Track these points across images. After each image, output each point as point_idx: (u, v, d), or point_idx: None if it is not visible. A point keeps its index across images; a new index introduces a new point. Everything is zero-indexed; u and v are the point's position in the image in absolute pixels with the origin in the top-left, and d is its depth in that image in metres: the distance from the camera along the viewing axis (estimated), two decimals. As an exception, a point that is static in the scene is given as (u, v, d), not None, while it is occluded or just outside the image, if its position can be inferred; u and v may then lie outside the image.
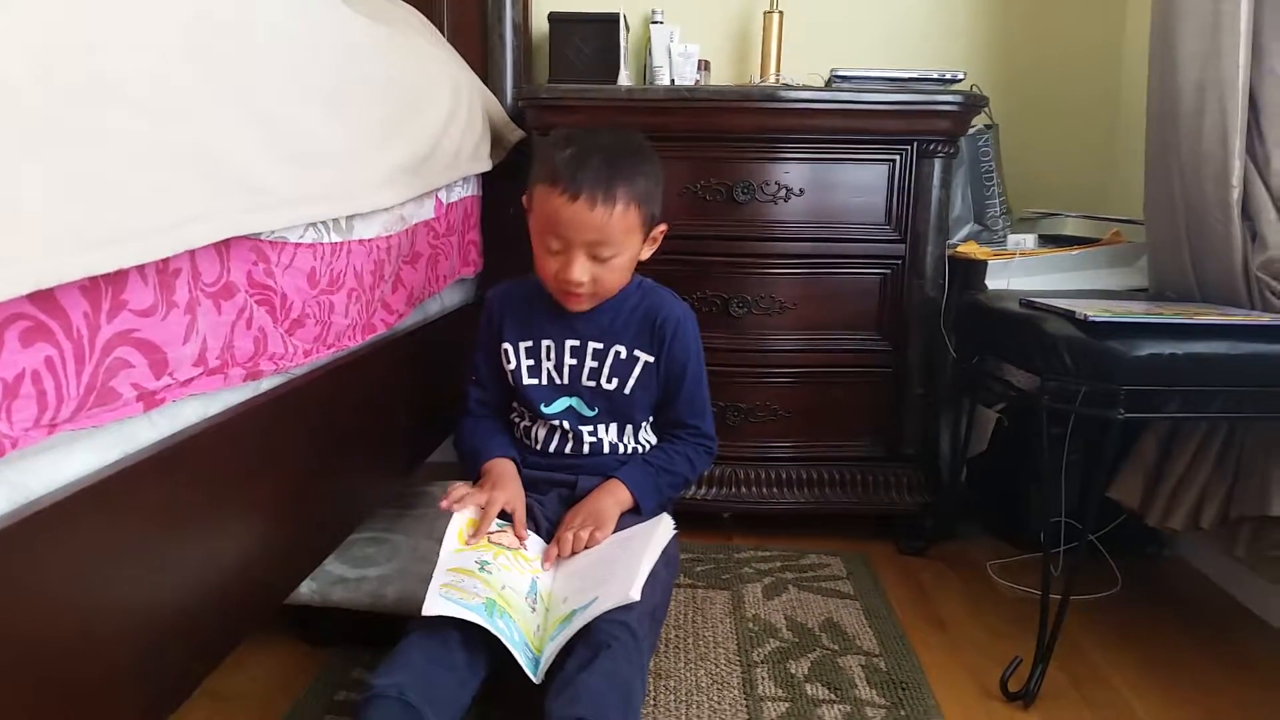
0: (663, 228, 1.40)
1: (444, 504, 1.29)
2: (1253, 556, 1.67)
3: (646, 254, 1.40)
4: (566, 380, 1.43)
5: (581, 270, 1.29)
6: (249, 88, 0.91)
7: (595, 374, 1.42)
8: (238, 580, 0.99)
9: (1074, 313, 1.41)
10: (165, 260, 0.80)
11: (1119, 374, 1.31)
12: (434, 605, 1.10)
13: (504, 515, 1.32)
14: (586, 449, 1.44)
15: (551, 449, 1.45)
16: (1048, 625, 1.39)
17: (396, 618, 1.41)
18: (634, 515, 1.37)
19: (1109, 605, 1.71)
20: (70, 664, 0.72)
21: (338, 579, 1.45)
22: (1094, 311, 1.40)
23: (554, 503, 1.40)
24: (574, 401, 1.44)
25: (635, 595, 1.10)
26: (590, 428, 1.44)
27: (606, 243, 1.28)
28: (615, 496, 1.37)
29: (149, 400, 0.81)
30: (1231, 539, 1.70)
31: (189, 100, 0.80)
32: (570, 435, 1.44)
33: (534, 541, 1.31)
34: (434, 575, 1.17)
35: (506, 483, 1.35)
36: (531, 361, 1.43)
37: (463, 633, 1.11)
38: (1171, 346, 1.31)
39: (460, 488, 1.33)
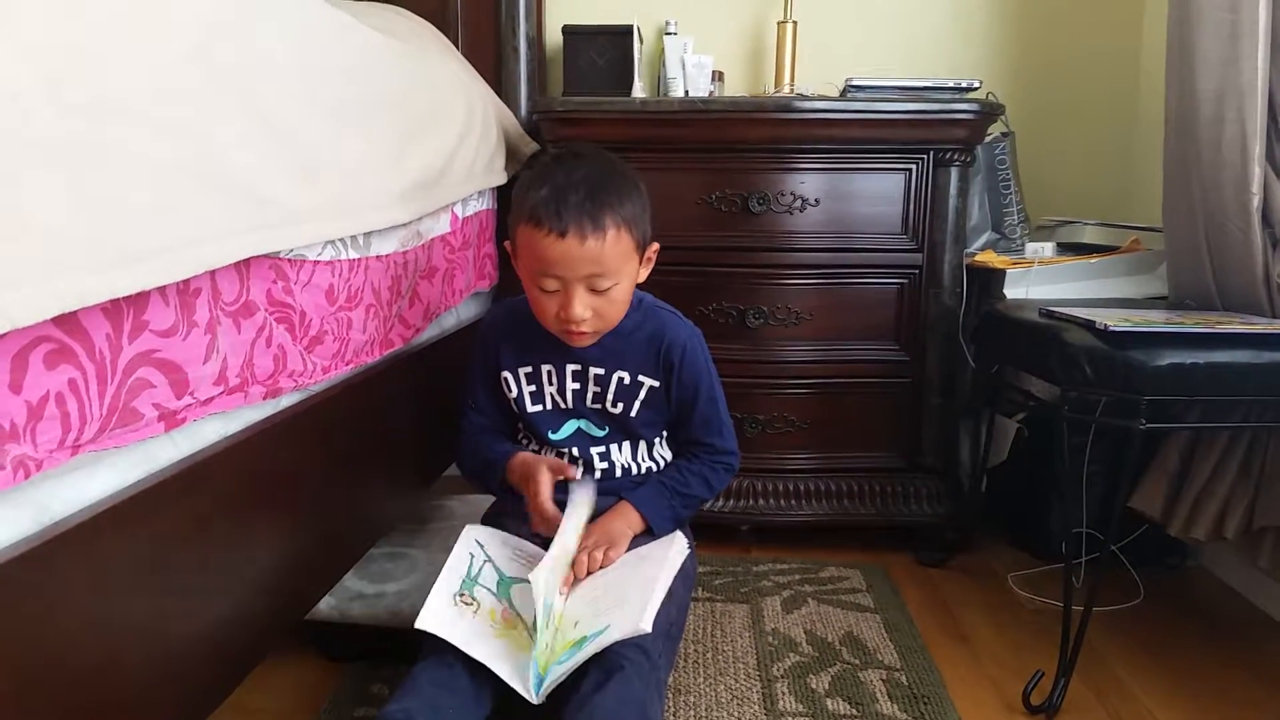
0: (655, 247, 1.34)
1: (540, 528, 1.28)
2: (1277, 567, 1.66)
3: (643, 276, 1.34)
4: (571, 404, 1.39)
5: (582, 306, 1.24)
6: (261, 103, 0.91)
7: (599, 398, 1.37)
8: (259, 597, 0.99)
9: (1094, 322, 1.40)
10: (186, 280, 0.80)
11: (1140, 384, 1.29)
12: (429, 619, 1.12)
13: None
14: (598, 474, 1.40)
15: None
16: (1070, 637, 1.38)
17: (415, 633, 1.41)
18: (648, 536, 1.35)
19: (1132, 617, 1.69)
20: (94, 683, 0.72)
21: (357, 594, 1.45)
22: (1114, 321, 1.39)
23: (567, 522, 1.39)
24: (582, 424, 1.40)
25: (646, 627, 1.08)
26: (602, 449, 1.40)
27: (604, 274, 1.23)
28: (627, 519, 1.33)
29: (170, 420, 0.81)
30: (1255, 549, 1.69)
31: (201, 116, 0.80)
32: (581, 461, 1.40)
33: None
34: (438, 585, 1.18)
35: (536, 464, 1.33)
36: (534, 388, 1.39)
37: (466, 658, 1.11)
38: (1193, 356, 1.30)
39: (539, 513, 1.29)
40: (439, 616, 1.13)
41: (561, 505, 1.30)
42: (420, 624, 1.12)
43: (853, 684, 1.43)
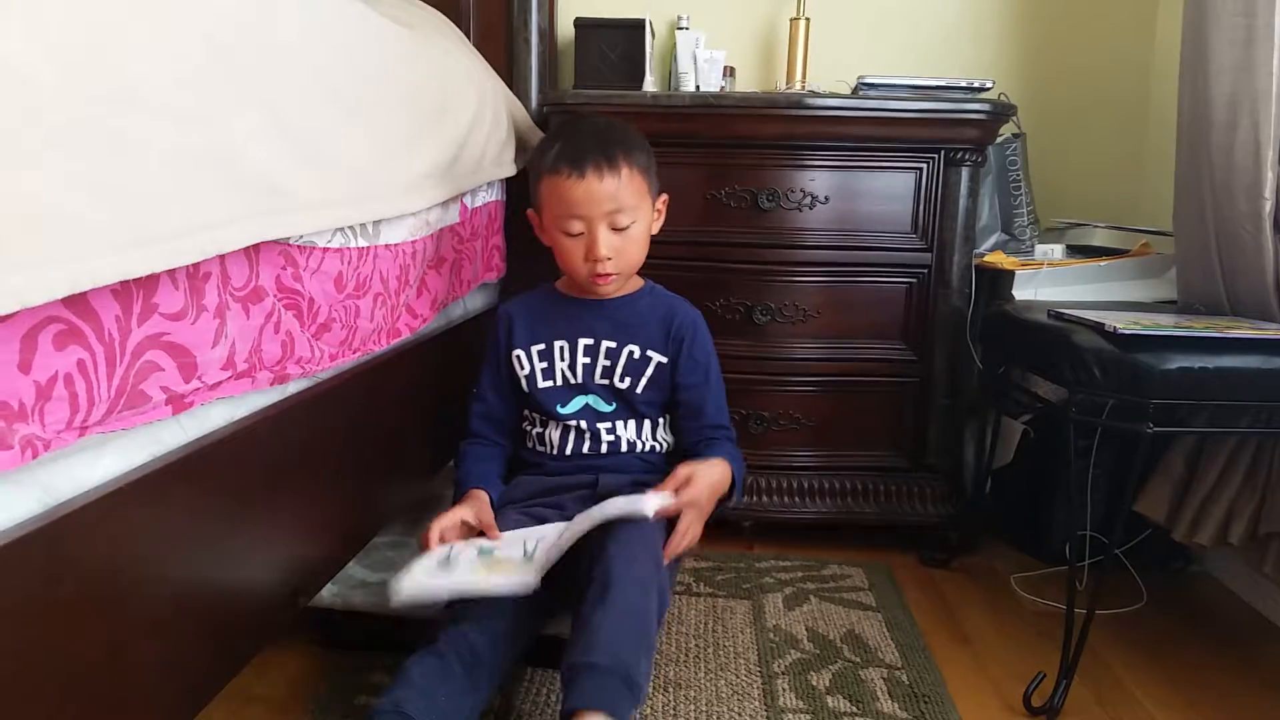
0: (665, 198, 1.44)
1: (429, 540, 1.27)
2: (1282, 573, 1.65)
3: (656, 227, 1.42)
4: (580, 379, 1.42)
5: (606, 245, 1.32)
6: (273, 91, 0.91)
7: (609, 372, 1.41)
8: (262, 583, 0.99)
9: (1103, 325, 1.40)
10: (195, 264, 0.80)
11: (1148, 387, 1.29)
12: (408, 586, 1.15)
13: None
14: (605, 448, 1.43)
15: (569, 451, 1.44)
16: (1072, 640, 1.38)
17: (418, 622, 1.41)
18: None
19: (1134, 620, 1.69)
20: (96, 667, 0.72)
21: (359, 583, 1.45)
22: (1123, 324, 1.38)
23: (573, 505, 1.39)
24: (590, 399, 1.43)
25: (648, 512, 1.09)
26: (608, 424, 1.42)
27: (622, 209, 1.32)
28: (721, 470, 1.33)
29: (178, 404, 0.81)
30: (1260, 555, 1.68)
31: (215, 104, 0.80)
32: (588, 434, 1.42)
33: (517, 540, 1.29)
34: (415, 563, 1.20)
35: (471, 503, 1.34)
36: (545, 364, 1.43)
37: (460, 651, 1.12)
38: (1201, 360, 1.30)
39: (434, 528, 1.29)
40: (418, 582, 1.16)
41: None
42: (402, 594, 1.15)
43: (853, 682, 1.43)
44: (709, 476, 1.30)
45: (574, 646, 1.08)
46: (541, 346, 1.43)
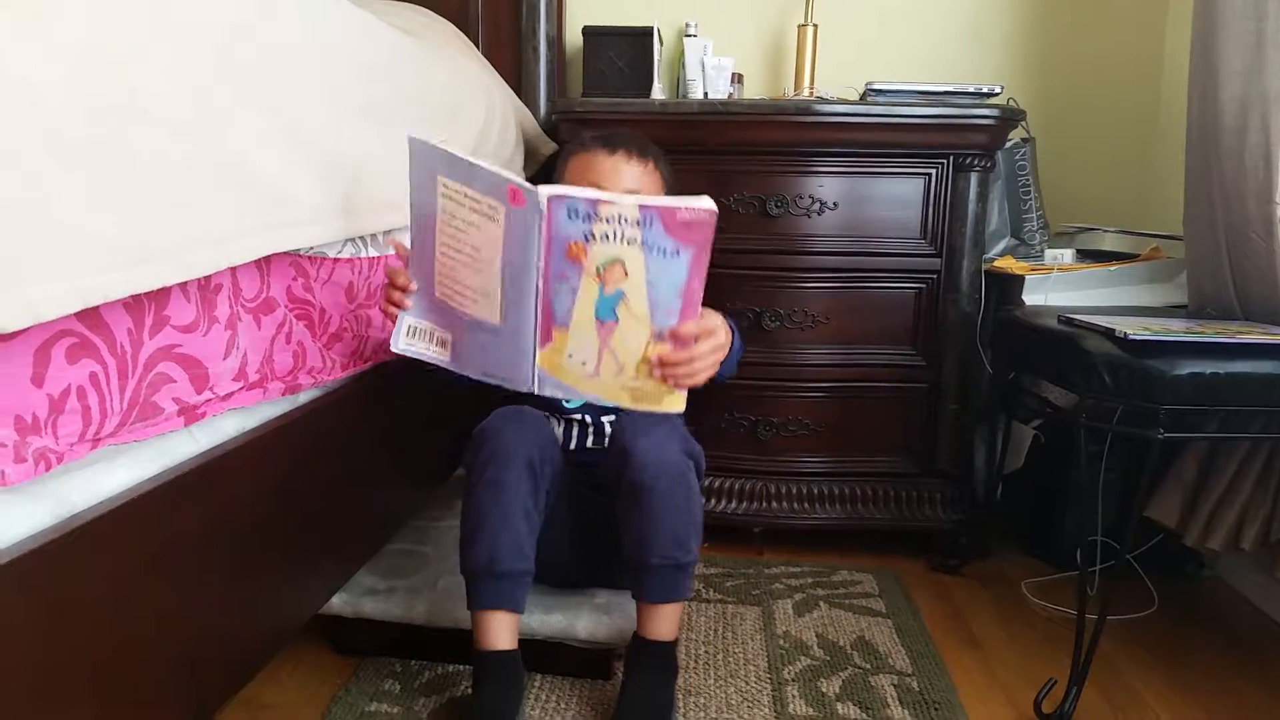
0: None
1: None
2: (1295, 579, 1.65)
3: None
4: None
5: None
6: (282, 102, 0.92)
7: None
8: (273, 592, 1.00)
9: (1114, 330, 1.39)
10: (207, 277, 0.80)
11: (1159, 393, 1.29)
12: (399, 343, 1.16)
13: None
14: (609, 441, 1.44)
15: (573, 446, 1.46)
16: (1083, 646, 1.37)
17: (427, 630, 1.41)
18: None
19: (1146, 626, 1.68)
20: (109, 675, 0.73)
21: (369, 590, 1.45)
22: (1134, 329, 1.38)
23: (571, 497, 1.40)
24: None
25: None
26: (612, 416, 1.45)
27: (641, 191, 1.35)
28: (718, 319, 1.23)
29: (190, 415, 0.82)
30: (1273, 560, 1.67)
31: (222, 115, 0.81)
32: (590, 428, 1.46)
33: None
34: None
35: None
36: None
37: (519, 466, 1.23)
38: (1212, 366, 1.29)
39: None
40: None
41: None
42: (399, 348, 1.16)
43: (864, 688, 1.43)
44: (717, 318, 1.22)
45: (625, 544, 1.26)
46: None
